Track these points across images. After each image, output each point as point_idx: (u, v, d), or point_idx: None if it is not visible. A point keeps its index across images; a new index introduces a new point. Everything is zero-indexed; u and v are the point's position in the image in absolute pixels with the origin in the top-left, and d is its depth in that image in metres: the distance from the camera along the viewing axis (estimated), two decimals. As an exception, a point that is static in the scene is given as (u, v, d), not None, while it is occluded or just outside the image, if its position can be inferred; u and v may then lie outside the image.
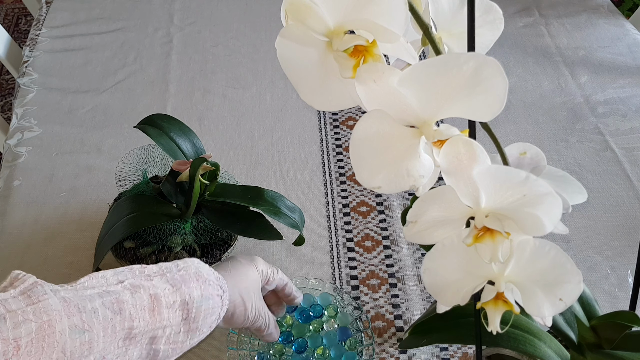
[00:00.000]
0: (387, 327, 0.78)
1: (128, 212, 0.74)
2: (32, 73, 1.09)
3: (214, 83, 1.09)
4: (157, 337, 0.52)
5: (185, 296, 0.54)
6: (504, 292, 0.39)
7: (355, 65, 0.34)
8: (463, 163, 0.34)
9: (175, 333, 0.53)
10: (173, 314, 0.53)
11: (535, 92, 1.08)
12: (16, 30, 2.27)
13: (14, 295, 0.45)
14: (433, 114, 0.34)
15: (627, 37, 1.18)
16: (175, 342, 0.54)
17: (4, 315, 0.43)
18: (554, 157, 0.97)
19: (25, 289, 0.46)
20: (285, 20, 0.35)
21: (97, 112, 1.03)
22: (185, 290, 0.54)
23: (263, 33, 1.19)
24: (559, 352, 0.56)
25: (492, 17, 0.43)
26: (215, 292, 0.57)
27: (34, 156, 0.95)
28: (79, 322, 0.46)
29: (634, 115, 1.03)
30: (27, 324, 0.43)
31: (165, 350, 0.53)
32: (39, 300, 0.45)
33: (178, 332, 0.53)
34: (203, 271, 0.57)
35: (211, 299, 0.56)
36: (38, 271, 0.81)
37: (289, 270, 0.82)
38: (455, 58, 0.32)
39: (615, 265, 0.83)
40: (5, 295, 0.45)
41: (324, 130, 1.01)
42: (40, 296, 0.45)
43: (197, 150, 0.80)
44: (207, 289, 0.56)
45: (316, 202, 0.91)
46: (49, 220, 0.87)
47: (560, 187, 0.45)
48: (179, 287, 0.54)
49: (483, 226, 0.36)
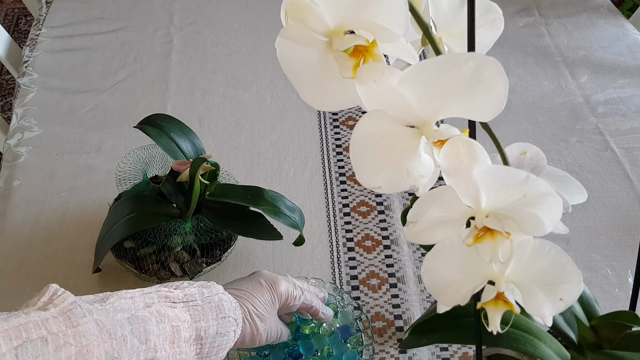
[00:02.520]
0: (387, 327, 0.78)
1: (128, 212, 0.74)
2: (32, 73, 1.09)
3: (214, 83, 1.09)
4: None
5: (201, 332, 0.54)
6: (504, 292, 0.39)
7: (355, 65, 0.34)
8: (463, 163, 0.34)
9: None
10: (189, 347, 0.54)
11: (535, 92, 1.08)
12: (16, 30, 2.27)
13: (54, 316, 0.45)
14: (433, 114, 0.34)
15: (627, 37, 1.18)
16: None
17: (46, 338, 0.43)
18: (554, 157, 0.97)
19: (65, 309, 0.46)
20: (285, 20, 0.35)
21: (97, 112, 1.03)
22: (203, 325, 0.55)
23: (263, 33, 1.19)
24: (559, 352, 0.56)
25: (492, 17, 0.43)
26: (231, 327, 0.57)
27: (34, 156, 0.95)
28: (109, 349, 0.47)
29: (634, 115, 1.03)
30: (67, 347, 0.44)
31: None
32: (79, 323, 0.45)
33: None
34: (224, 306, 0.57)
35: (226, 336, 0.56)
36: (38, 271, 0.81)
37: (289, 270, 0.82)
38: (456, 58, 0.32)
39: (615, 265, 0.83)
40: (46, 315, 0.45)
41: (324, 130, 1.01)
42: (80, 319, 0.46)
43: (197, 150, 0.80)
44: (223, 326, 0.56)
45: (316, 202, 0.91)
46: (49, 220, 0.87)
47: (560, 187, 0.45)
48: (197, 321, 0.54)
49: (483, 226, 0.36)
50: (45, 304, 0.46)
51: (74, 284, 0.80)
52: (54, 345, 0.43)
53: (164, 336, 0.51)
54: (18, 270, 0.81)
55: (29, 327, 0.43)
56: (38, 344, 0.42)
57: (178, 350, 0.52)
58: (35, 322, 0.43)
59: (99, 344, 0.46)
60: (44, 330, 0.43)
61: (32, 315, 0.44)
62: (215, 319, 0.56)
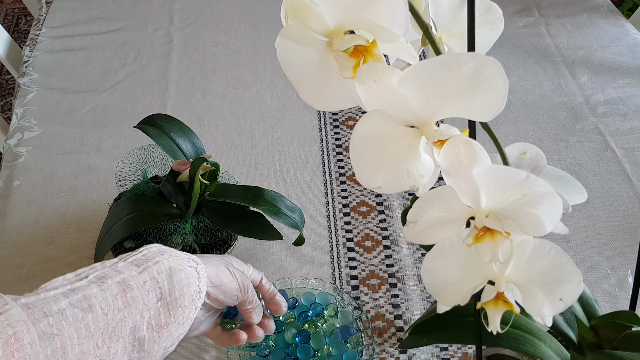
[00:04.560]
0: (387, 327, 0.78)
1: (128, 212, 0.74)
2: (32, 73, 1.09)
3: (214, 83, 1.09)
4: (137, 326, 0.49)
5: (154, 273, 0.50)
6: (504, 292, 0.39)
7: (355, 65, 0.34)
8: (463, 163, 0.34)
9: (155, 316, 0.50)
10: (147, 295, 0.49)
11: (535, 92, 1.08)
12: (16, 30, 2.27)
13: None
14: (433, 114, 0.34)
15: (627, 37, 1.18)
16: (158, 325, 0.50)
17: None
18: (554, 157, 0.97)
19: None
20: (285, 20, 0.35)
21: (97, 112, 1.03)
22: (153, 267, 0.50)
23: (263, 33, 1.19)
24: (559, 352, 0.56)
25: (492, 17, 0.43)
26: (187, 263, 0.53)
27: (34, 156, 0.95)
28: (46, 328, 0.42)
29: (634, 115, 1.03)
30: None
31: (151, 337, 0.50)
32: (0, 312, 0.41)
33: (158, 314, 0.50)
34: (168, 249, 0.54)
35: (182, 270, 0.52)
36: (38, 271, 0.81)
37: (289, 270, 0.82)
38: (456, 58, 0.32)
39: (615, 265, 0.83)
40: None
41: (324, 130, 1.01)
42: (1, 307, 0.41)
43: (197, 150, 0.80)
44: (175, 261, 0.52)
45: (316, 202, 0.91)
46: (49, 220, 0.87)
47: (560, 187, 0.45)
48: (146, 266, 0.50)
49: (483, 226, 0.36)
50: None
51: (74, 284, 0.80)
52: None
53: (112, 295, 0.47)
54: (18, 270, 0.81)
55: None
56: None
57: (133, 303, 0.48)
58: None
59: (29, 328, 0.41)
60: None
61: None
62: (162, 256, 0.52)
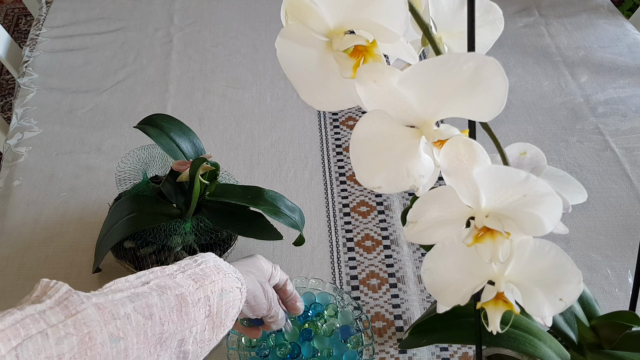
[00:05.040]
0: (387, 327, 0.78)
1: (128, 212, 0.74)
2: (32, 73, 1.09)
3: (214, 83, 1.09)
4: (185, 339, 0.51)
5: (208, 292, 0.53)
6: (504, 292, 0.39)
7: (355, 65, 0.34)
8: (463, 163, 0.34)
9: (201, 331, 0.52)
10: (198, 312, 0.52)
11: (535, 92, 1.08)
12: (16, 30, 2.27)
13: (50, 306, 0.43)
14: (433, 114, 0.34)
15: (627, 37, 1.18)
16: (202, 340, 0.53)
17: (46, 331, 0.41)
18: (554, 157, 0.97)
19: (61, 298, 0.44)
20: (285, 20, 0.35)
21: (97, 112, 1.03)
22: (208, 285, 0.53)
23: (263, 33, 1.19)
24: (559, 352, 0.56)
25: (492, 17, 0.43)
26: (235, 284, 0.56)
27: (34, 156, 0.95)
28: (114, 330, 0.45)
29: (634, 115, 1.03)
30: (69, 338, 0.42)
31: (195, 351, 0.52)
32: (77, 311, 0.44)
33: (204, 330, 0.53)
34: (222, 265, 0.57)
35: (232, 292, 0.55)
36: (38, 271, 0.81)
37: (289, 270, 0.82)
38: (456, 58, 0.32)
39: (615, 265, 0.83)
40: (42, 307, 0.43)
41: (324, 130, 1.01)
42: (78, 306, 0.44)
43: (197, 150, 0.80)
44: (227, 282, 0.55)
45: (316, 202, 0.91)
46: (49, 220, 0.87)
47: (560, 187, 0.45)
48: (202, 283, 0.53)
49: (483, 226, 0.36)
50: (38, 297, 0.45)
51: (74, 284, 0.79)
52: (55, 338, 0.41)
53: (169, 307, 0.50)
54: (18, 270, 0.81)
55: (26, 323, 0.41)
56: (39, 340, 0.40)
57: (187, 318, 0.51)
58: (32, 316, 0.42)
59: (101, 328, 0.44)
60: (42, 324, 0.41)
61: (28, 310, 0.42)
62: (217, 276, 0.55)
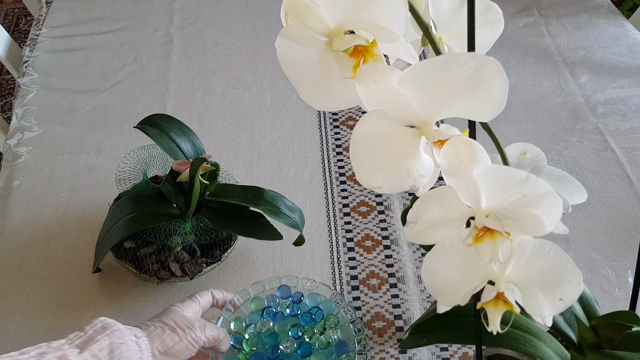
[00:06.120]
0: (387, 327, 0.78)
1: (128, 212, 0.74)
2: (32, 73, 1.09)
3: (214, 83, 1.09)
4: None
5: (95, 351, 0.53)
6: (504, 292, 0.39)
7: (355, 65, 0.34)
8: (463, 163, 0.34)
9: None
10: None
11: (535, 92, 1.08)
12: (16, 30, 2.27)
13: None
14: (433, 114, 0.34)
15: (627, 37, 1.18)
16: None
17: None
18: (554, 157, 0.97)
19: None
20: (285, 20, 0.35)
21: (97, 112, 1.03)
22: (94, 346, 0.53)
23: (263, 33, 1.19)
24: (559, 352, 0.56)
25: (492, 17, 0.43)
26: (128, 338, 0.56)
27: (34, 156, 0.95)
28: None
29: (634, 115, 1.03)
30: None
31: None
32: None
33: None
34: (110, 323, 0.57)
35: (124, 344, 0.55)
36: (38, 271, 0.81)
37: (289, 270, 0.82)
38: (456, 58, 0.32)
39: (615, 265, 0.83)
40: None
41: (324, 130, 1.01)
42: None
43: (197, 150, 0.80)
44: (116, 335, 0.55)
45: (316, 202, 0.91)
46: (49, 220, 0.87)
47: (560, 187, 0.45)
48: (85, 346, 0.53)
49: (483, 226, 0.36)
50: None
51: (74, 284, 0.80)
52: None
53: None
54: (18, 270, 0.81)
55: None
56: None
57: None
58: None
59: None
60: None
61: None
62: (103, 334, 0.55)
